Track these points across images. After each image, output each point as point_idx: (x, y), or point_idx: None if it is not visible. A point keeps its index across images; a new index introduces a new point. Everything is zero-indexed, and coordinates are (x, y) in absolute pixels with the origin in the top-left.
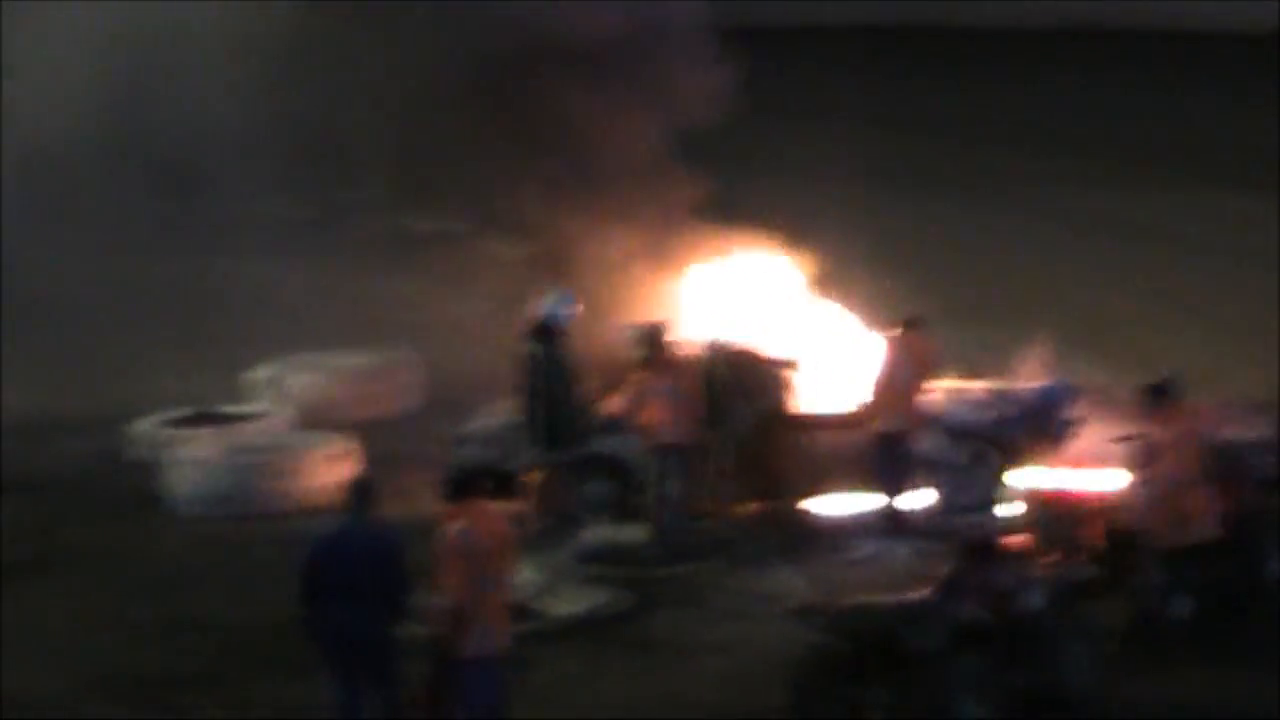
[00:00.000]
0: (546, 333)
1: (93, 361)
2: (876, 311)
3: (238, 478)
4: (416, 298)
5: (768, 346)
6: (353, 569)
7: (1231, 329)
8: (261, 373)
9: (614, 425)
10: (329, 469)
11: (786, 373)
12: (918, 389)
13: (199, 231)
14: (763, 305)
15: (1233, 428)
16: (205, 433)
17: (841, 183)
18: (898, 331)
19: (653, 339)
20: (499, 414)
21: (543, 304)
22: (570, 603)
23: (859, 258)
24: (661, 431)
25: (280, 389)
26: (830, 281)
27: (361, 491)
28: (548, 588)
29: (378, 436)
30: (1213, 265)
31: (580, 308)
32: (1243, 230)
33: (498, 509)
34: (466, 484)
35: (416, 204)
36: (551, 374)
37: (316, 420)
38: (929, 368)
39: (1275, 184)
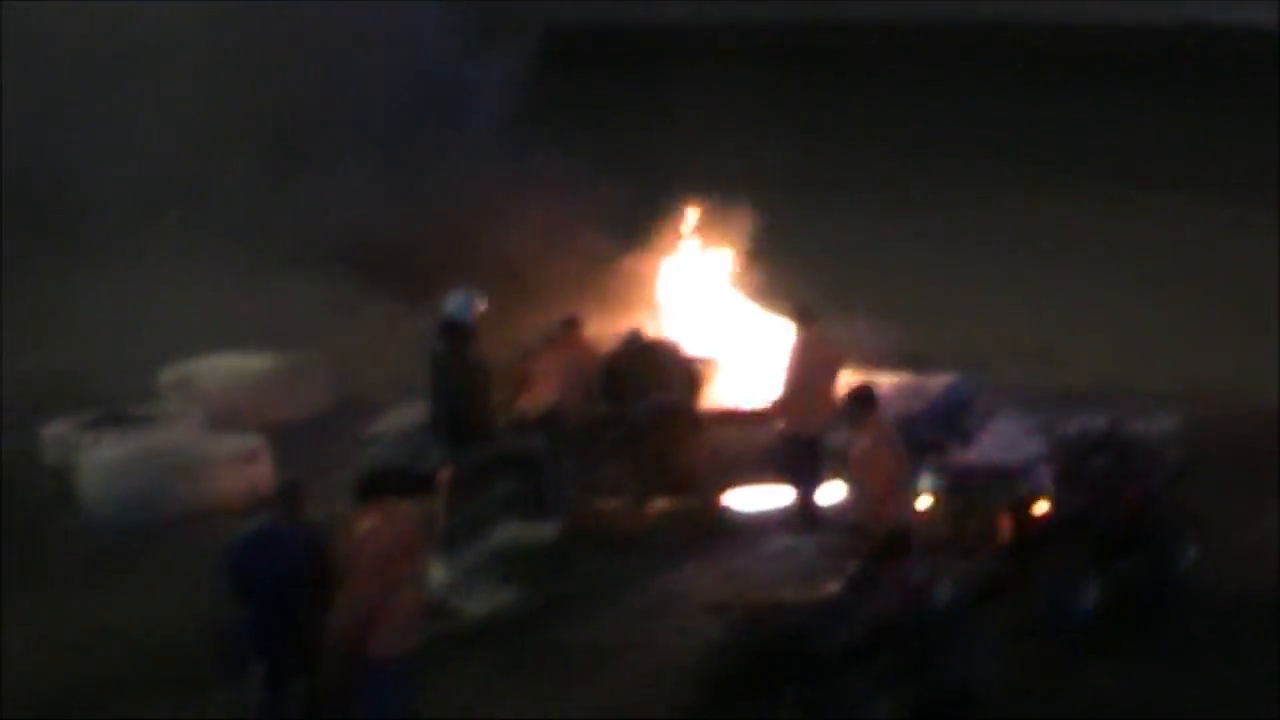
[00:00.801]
0: (452, 332)
1: (4, 364)
2: (785, 308)
3: (148, 480)
4: (324, 300)
5: (682, 341)
6: (283, 567)
7: (1141, 328)
8: (170, 374)
9: (525, 424)
10: (239, 471)
11: (699, 367)
12: (827, 390)
13: (102, 243)
14: (676, 300)
15: (1140, 422)
16: (114, 434)
17: (738, 185)
18: (795, 327)
19: (561, 326)
20: (407, 414)
21: (447, 304)
22: (483, 602)
23: (766, 256)
24: (544, 401)
25: (189, 391)
26: (740, 279)
27: (289, 492)
28: (460, 587)
29: (287, 438)
30: (1120, 266)
31: (484, 307)
32: (1150, 229)
33: (408, 508)
34: (376, 484)
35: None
36: (458, 373)
37: (226, 422)
38: (835, 366)
39: (1180, 182)
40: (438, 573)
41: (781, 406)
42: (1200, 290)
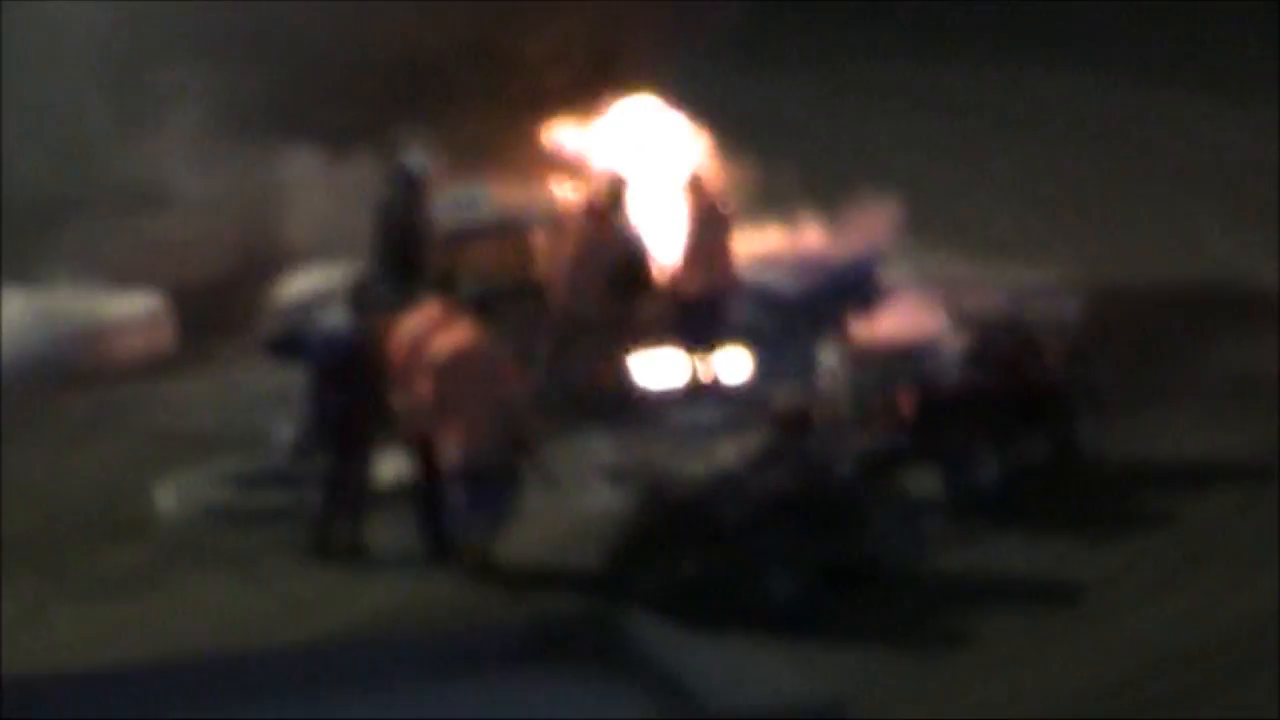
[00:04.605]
0: (407, 184)
1: None
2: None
3: (44, 342)
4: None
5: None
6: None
7: (1048, 206)
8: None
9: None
10: (139, 333)
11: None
12: (722, 247)
13: None
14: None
15: (1044, 300)
16: (15, 296)
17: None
18: (689, 187)
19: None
20: (314, 279)
21: (406, 157)
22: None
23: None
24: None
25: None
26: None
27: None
28: None
29: (190, 300)
30: (1033, 143)
31: (437, 161)
32: (1064, 110)
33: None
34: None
35: None
36: (408, 224)
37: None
38: (728, 223)
39: (1103, 61)
40: None
41: (680, 268)
42: (1152, 180)
